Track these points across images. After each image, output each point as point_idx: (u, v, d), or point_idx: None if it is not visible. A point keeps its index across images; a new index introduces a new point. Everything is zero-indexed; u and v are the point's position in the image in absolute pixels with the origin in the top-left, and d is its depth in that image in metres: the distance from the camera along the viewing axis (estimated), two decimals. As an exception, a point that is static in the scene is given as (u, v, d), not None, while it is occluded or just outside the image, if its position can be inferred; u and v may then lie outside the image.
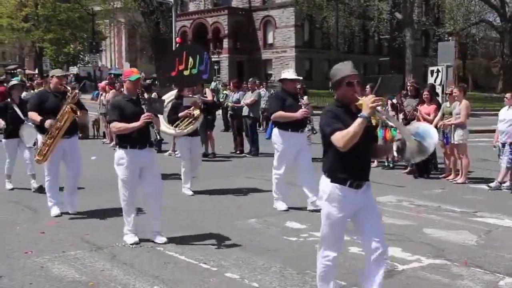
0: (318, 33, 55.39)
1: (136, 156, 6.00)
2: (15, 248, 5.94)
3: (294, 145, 7.73)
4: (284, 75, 7.88)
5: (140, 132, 5.96)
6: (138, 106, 6.04)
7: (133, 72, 6.25)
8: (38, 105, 7.43)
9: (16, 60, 72.41)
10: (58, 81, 7.47)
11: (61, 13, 49.76)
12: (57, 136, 7.17)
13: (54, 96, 7.43)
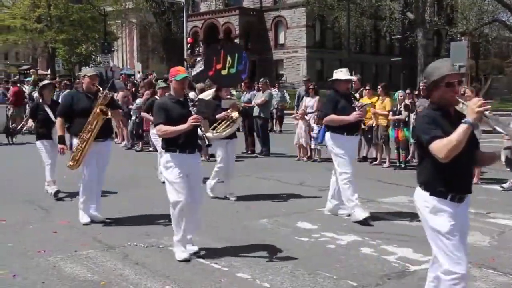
0: (329, 33, 55.26)
1: (184, 161, 5.57)
2: (29, 247, 5.99)
3: (349, 150, 7.36)
4: (336, 76, 7.46)
5: (189, 136, 5.56)
6: (185, 107, 5.64)
7: (179, 71, 5.74)
8: (69, 107, 7.10)
9: (29, 61, 72.91)
10: (90, 81, 7.10)
11: (73, 14, 50.06)
12: (89, 140, 6.78)
13: (86, 97, 7.08)
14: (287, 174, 10.71)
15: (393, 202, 8.34)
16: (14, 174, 11.05)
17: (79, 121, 6.93)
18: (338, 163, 7.29)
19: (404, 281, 5.02)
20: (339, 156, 7.25)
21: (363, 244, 6.18)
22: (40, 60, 69.03)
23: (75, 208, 7.86)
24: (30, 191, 9.13)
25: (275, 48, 56.38)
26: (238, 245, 6.11)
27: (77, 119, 6.99)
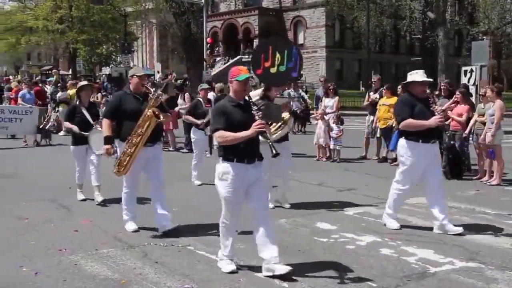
0: (349, 33, 55.07)
1: (244, 172, 5.06)
2: (50, 245, 6.06)
3: (425, 159, 6.69)
4: (411, 78, 6.86)
5: (249, 143, 5.04)
6: (247, 111, 5.10)
7: (241, 71, 5.19)
8: (117, 108, 6.60)
9: (51, 61, 73.76)
10: (139, 81, 6.61)
11: (94, 15, 50.56)
12: (139, 145, 6.31)
13: (135, 98, 6.58)
14: (306, 174, 10.69)
15: (413, 203, 8.27)
16: (38, 173, 11.19)
17: (127, 124, 6.46)
18: (400, 172, 6.85)
19: (424, 283, 4.98)
20: (406, 166, 6.75)
21: (383, 245, 6.15)
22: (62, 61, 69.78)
23: (97, 207, 7.98)
24: (53, 190, 9.23)
25: (295, 48, 56.19)
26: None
27: (125, 121, 6.52)
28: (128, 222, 6.69)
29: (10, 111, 15.52)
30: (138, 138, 6.30)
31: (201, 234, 6.48)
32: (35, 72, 64.28)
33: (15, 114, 15.46)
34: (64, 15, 50.30)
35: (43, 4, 50.92)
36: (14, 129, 15.85)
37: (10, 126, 15.50)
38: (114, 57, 57.53)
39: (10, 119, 15.34)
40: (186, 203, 8.22)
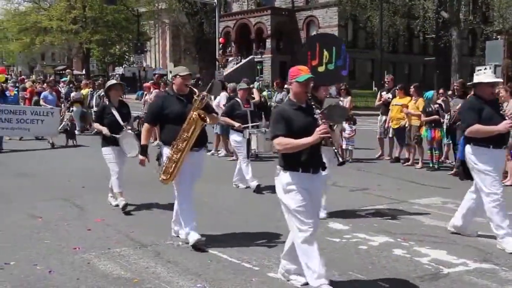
0: (361, 32, 54.89)
1: (310, 183, 4.59)
2: (64, 244, 6.11)
3: (496, 165, 6.16)
4: (478, 78, 6.37)
5: (313, 151, 4.58)
6: (309, 115, 4.61)
7: (302, 70, 4.68)
8: (160, 111, 6.08)
9: (65, 61, 74.38)
10: (183, 81, 6.10)
11: (107, 15, 50.90)
12: (184, 150, 5.85)
13: (178, 99, 6.06)
14: (319, 174, 10.67)
15: (426, 203, 8.24)
16: (53, 173, 11.28)
17: (170, 128, 6.00)
18: (483, 181, 6.12)
19: (437, 284, 4.96)
20: (485, 173, 6.09)
21: (395, 245, 6.13)
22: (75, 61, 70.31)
23: (109, 206, 8.02)
24: (66, 189, 9.30)
25: (307, 48, 56.11)
26: (270, 244, 6.12)
27: (168, 125, 6.06)
28: (191, 233, 5.95)
29: (31, 113, 15.18)
30: (184, 143, 5.84)
31: (213, 234, 6.49)
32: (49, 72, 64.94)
33: (36, 115, 15.11)
34: (78, 16, 50.70)
35: (57, 5, 51.38)
36: (36, 131, 15.51)
37: (32, 128, 15.10)
38: (127, 57, 57.90)
39: (31, 120, 14.97)
40: (198, 203, 8.22)
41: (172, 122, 6.00)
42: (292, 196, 4.55)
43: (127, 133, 7.76)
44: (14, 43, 58.57)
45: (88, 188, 9.42)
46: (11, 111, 14.68)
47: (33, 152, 14.44)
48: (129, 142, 7.70)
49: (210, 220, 7.17)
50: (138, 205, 8.03)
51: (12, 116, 14.58)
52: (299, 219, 4.53)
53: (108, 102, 8.04)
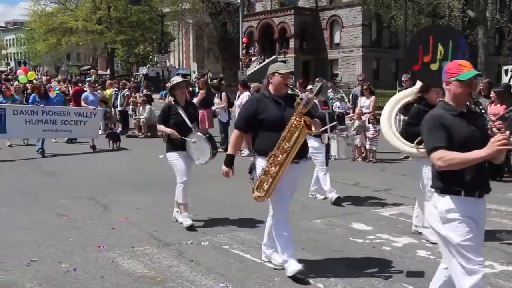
0: (385, 32, 54.44)
1: (474, 209, 3.65)
2: (88, 242, 6.18)
3: None
4: None
5: (479, 168, 3.64)
6: (474, 123, 3.69)
7: (464, 66, 3.76)
8: (254, 116, 5.16)
9: (90, 61, 75.26)
10: (282, 80, 5.17)
11: (132, 15, 51.42)
12: (285, 163, 4.96)
13: (276, 102, 5.15)
14: (342, 174, 10.61)
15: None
16: (79, 172, 11.41)
17: (267, 135, 5.11)
18: None
19: (462, 286, 4.88)
20: None
21: (420, 246, 6.06)
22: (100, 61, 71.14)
23: (133, 204, 8.08)
24: (91, 188, 9.40)
25: (330, 48, 56.04)
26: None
27: (264, 132, 5.14)
28: (289, 261, 5.09)
29: (76, 114, 14.54)
30: (284, 155, 4.94)
31: (236, 234, 6.50)
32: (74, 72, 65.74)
33: (80, 116, 14.51)
34: (103, 16, 51.30)
35: (83, 6, 52.06)
36: (78, 132, 14.77)
37: (74, 129, 14.43)
38: (151, 57, 58.36)
39: (75, 121, 14.32)
40: (221, 202, 8.27)
41: (268, 129, 5.09)
42: (454, 227, 3.59)
43: (196, 135, 6.83)
44: (40, 44, 59.45)
45: (112, 187, 9.52)
46: (56, 112, 14.12)
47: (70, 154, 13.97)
48: (199, 146, 6.79)
49: (233, 220, 7.19)
50: (161, 204, 8.07)
51: (57, 117, 14.03)
52: (465, 256, 3.54)
53: (174, 101, 7.09)
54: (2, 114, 13.13)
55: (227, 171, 5.49)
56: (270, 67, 5.33)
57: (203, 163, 6.83)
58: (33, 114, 13.61)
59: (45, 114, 13.79)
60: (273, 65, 5.38)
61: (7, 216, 7.45)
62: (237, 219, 7.24)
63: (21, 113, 13.50)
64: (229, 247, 6.00)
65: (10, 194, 8.95)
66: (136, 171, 11.46)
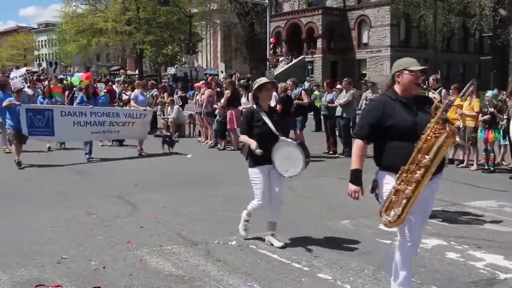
0: (414, 31, 53.86)
1: None
2: (117, 240, 6.26)
3: None
4: None
5: None
6: None
7: None
8: (380, 120, 4.23)
9: (119, 61, 76.15)
10: (413, 79, 4.25)
11: (160, 16, 51.90)
12: (423, 180, 4.01)
13: (405, 106, 4.23)
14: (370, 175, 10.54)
15: (481, 206, 8.02)
16: (108, 171, 11.55)
17: (396, 146, 4.19)
18: None
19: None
20: None
21: (449, 249, 5.99)
22: (129, 61, 71.90)
23: (161, 204, 8.15)
24: (120, 187, 9.52)
25: (358, 48, 55.69)
26: (320, 245, 6.08)
27: (391, 142, 4.23)
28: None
29: (125, 115, 13.77)
30: (422, 171, 4.01)
31: (262, 233, 6.50)
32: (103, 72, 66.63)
33: (129, 117, 13.70)
34: (132, 17, 51.89)
35: (112, 7, 52.72)
36: (125, 134, 14.03)
37: (122, 130, 13.63)
38: (179, 57, 58.77)
39: (124, 123, 13.53)
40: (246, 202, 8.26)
41: (398, 138, 4.19)
42: None
43: (285, 142, 5.95)
44: (71, 45, 60.47)
45: (141, 186, 9.62)
46: (104, 113, 13.34)
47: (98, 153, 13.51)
48: (289, 155, 5.89)
49: (260, 220, 7.18)
50: (189, 204, 8.13)
51: (106, 118, 13.25)
52: None
53: (256, 105, 6.13)
54: (49, 116, 12.44)
55: (357, 191, 4.42)
56: (397, 63, 4.44)
57: (294, 175, 5.95)
58: (81, 115, 12.85)
59: (94, 115, 13.03)
60: (400, 61, 4.45)
61: (38, 214, 7.60)
62: (263, 219, 7.23)
63: (69, 114, 12.79)
64: (256, 247, 6.01)
65: (42, 192, 9.12)
66: (164, 170, 11.55)
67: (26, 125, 11.91)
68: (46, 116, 12.33)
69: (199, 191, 9.09)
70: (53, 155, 13.61)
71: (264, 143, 5.84)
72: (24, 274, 5.16)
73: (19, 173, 11.04)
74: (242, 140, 6.20)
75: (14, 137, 11.85)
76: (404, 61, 4.40)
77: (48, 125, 12.35)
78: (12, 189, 9.43)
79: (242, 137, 6.15)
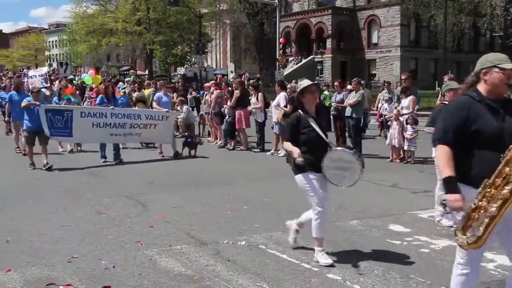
0: (424, 31, 53.74)
1: None
2: (127, 240, 6.28)
3: None
4: None
5: None
6: None
7: None
8: (463, 123, 3.68)
9: (129, 62, 76.41)
10: (504, 78, 3.70)
11: (170, 16, 52.03)
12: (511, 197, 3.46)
13: (491, 108, 3.70)
14: (379, 175, 10.51)
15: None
16: (119, 171, 11.61)
17: (479, 155, 3.68)
18: None
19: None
20: None
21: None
22: (139, 61, 72.14)
23: (171, 203, 8.17)
24: (130, 187, 9.56)
25: (368, 48, 55.59)
26: (329, 245, 6.07)
27: (475, 150, 3.70)
28: None
29: (146, 117, 13.18)
30: (510, 186, 3.46)
31: (272, 234, 6.51)
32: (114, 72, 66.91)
33: (151, 119, 13.14)
34: (142, 17, 52.06)
35: (122, 7, 52.93)
36: (147, 137, 13.57)
37: (143, 133, 13.15)
38: (189, 58, 58.90)
39: (145, 125, 13.01)
40: (257, 202, 8.29)
41: (481, 146, 3.66)
42: None
43: (338, 151, 5.45)
44: (82, 45, 60.80)
45: (151, 186, 9.65)
46: (125, 115, 12.84)
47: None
48: (342, 164, 5.35)
49: (270, 220, 7.20)
50: (198, 204, 8.15)
51: (126, 120, 12.75)
52: None
53: (302, 110, 5.59)
54: (68, 116, 12.11)
55: (459, 199, 3.60)
56: (484, 59, 3.88)
57: (350, 184, 5.46)
58: (101, 116, 12.42)
59: (114, 116, 12.58)
60: (488, 56, 3.90)
61: (49, 213, 7.64)
62: (273, 219, 7.24)
63: (89, 115, 12.38)
64: (265, 247, 6.01)
65: (53, 191, 9.18)
66: (174, 170, 11.58)
67: (47, 126, 11.67)
68: (65, 116, 12.05)
69: (208, 191, 9.10)
70: (65, 157, 13.62)
71: (313, 150, 5.38)
72: (35, 273, 5.20)
73: (31, 173, 11.11)
74: (285, 148, 5.64)
75: (29, 140, 11.66)
76: (494, 57, 3.84)
77: (66, 125, 12.08)
78: (24, 189, 9.50)
79: (286, 145, 5.58)
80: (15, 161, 12.70)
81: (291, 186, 9.52)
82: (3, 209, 7.88)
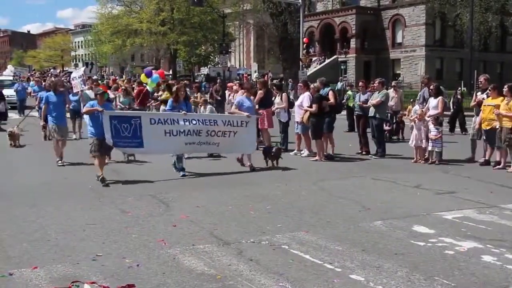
0: (450, 31, 53.04)
1: None
2: (151, 239, 6.33)
3: None
4: None
5: None
6: None
7: None
8: None
9: (153, 62, 77.02)
10: None
11: (194, 17, 52.28)
12: None
13: None
14: (403, 176, 10.43)
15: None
16: (143, 170, 11.70)
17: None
18: None
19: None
20: None
21: (485, 251, 5.88)
22: (163, 61, 72.68)
23: (194, 203, 8.22)
24: (154, 186, 9.63)
25: (392, 47, 55.17)
26: (352, 246, 6.05)
27: None
28: None
29: (224, 122, 11.42)
30: None
31: (295, 234, 6.50)
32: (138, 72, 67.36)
33: (229, 126, 11.36)
34: (166, 18, 52.41)
35: (147, 8, 53.36)
36: (226, 146, 11.55)
37: (222, 142, 11.32)
38: (212, 58, 59.12)
39: (223, 132, 11.24)
40: (279, 202, 8.28)
41: None
42: None
43: None
44: (107, 45, 61.47)
45: (174, 185, 9.71)
46: (200, 120, 11.16)
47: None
48: None
49: (293, 220, 7.19)
50: (221, 203, 8.17)
51: (202, 127, 11.04)
52: None
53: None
54: (137, 124, 10.54)
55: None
56: None
57: None
58: (173, 123, 10.80)
59: (188, 123, 10.90)
60: None
61: (74, 211, 7.74)
62: (297, 219, 7.24)
63: (159, 122, 10.75)
64: (288, 247, 6.01)
65: (79, 190, 9.29)
66: (197, 169, 11.60)
67: (111, 135, 10.31)
68: (133, 124, 10.50)
69: (231, 191, 9.12)
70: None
71: None
72: (60, 270, 5.27)
73: (57, 172, 11.24)
74: None
75: (96, 148, 10.16)
76: None
77: (135, 135, 10.54)
78: (50, 187, 9.64)
79: None
80: (41, 159, 12.84)
81: (314, 187, 9.53)
82: (32, 207, 7.99)
